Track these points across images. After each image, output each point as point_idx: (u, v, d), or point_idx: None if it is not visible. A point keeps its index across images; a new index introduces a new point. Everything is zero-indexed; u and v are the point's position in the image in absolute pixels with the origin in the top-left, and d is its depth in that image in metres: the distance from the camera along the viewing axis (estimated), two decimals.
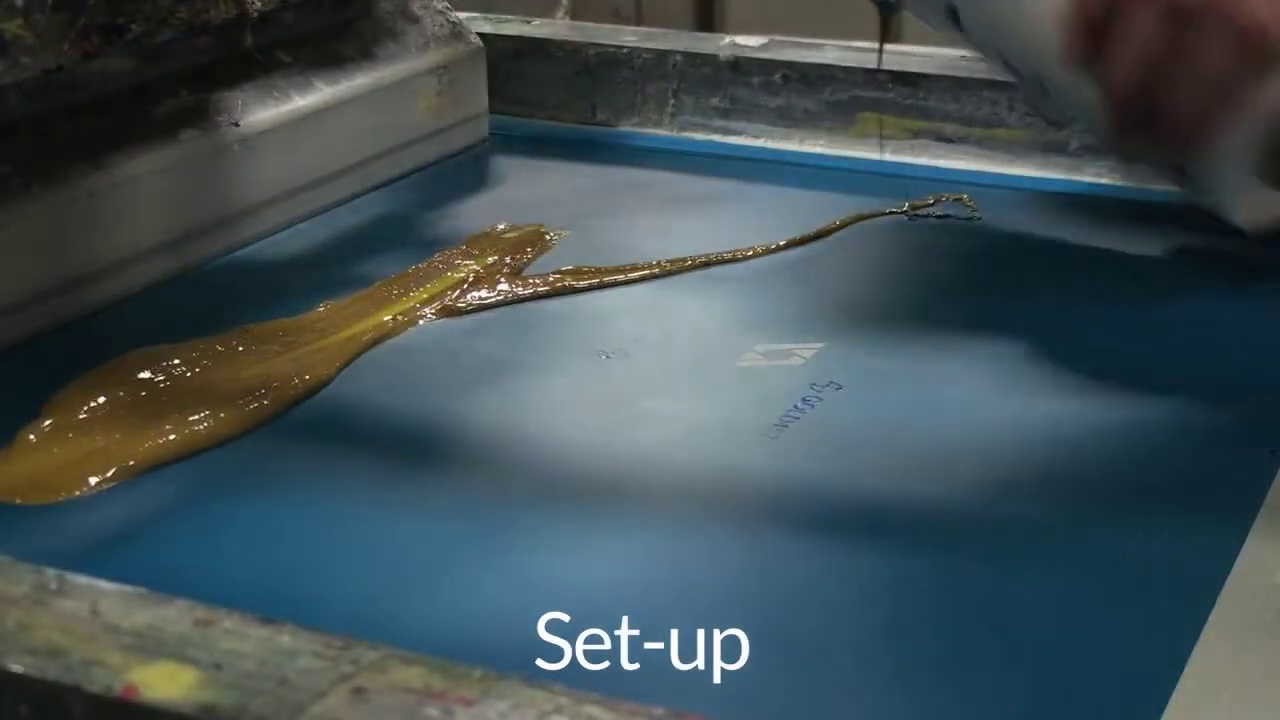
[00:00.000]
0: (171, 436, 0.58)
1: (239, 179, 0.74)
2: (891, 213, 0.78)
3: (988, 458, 0.57)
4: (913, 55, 0.89)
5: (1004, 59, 0.71)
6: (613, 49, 0.90)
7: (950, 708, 0.44)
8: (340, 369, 0.63)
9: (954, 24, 0.71)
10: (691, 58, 0.88)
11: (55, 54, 0.65)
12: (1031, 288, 0.71)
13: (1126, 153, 0.69)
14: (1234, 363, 0.63)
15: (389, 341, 0.66)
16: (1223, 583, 0.49)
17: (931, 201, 0.79)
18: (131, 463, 0.56)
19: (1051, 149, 0.82)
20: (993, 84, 0.83)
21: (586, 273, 0.71)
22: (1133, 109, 0.63)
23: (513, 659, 0.39)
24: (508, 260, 0.73)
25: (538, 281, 0.71)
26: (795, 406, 0.60)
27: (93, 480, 0.55)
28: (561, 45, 0.91)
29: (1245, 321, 0.67)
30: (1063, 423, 0.59)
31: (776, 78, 0.87)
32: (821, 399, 0.61)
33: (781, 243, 0.74)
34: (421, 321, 0.67)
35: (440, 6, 0.88)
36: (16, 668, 0.37)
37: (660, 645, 0.47)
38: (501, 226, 0.77)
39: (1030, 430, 0.59)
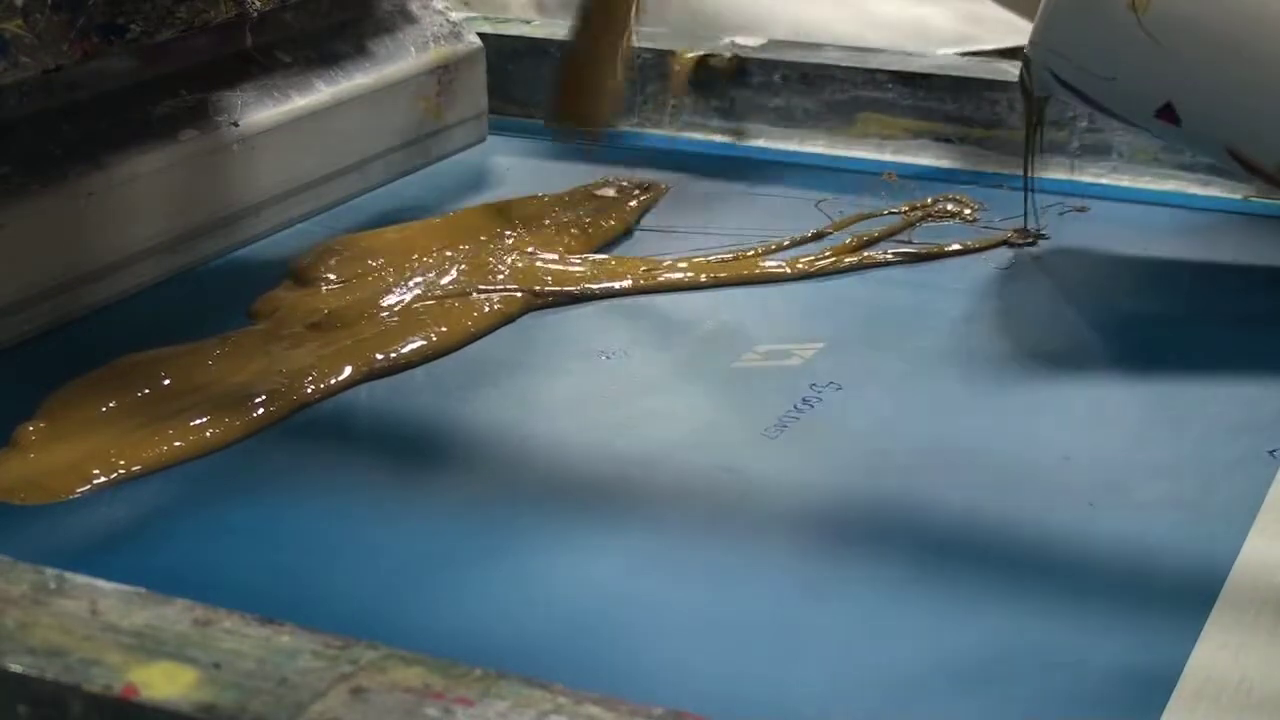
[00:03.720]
0: (176, 441, 0.57)
1: (239, 179, 0.74)
2: (891, 213, 0.78)
3: (987, 458, 0.57)
4: (913, 55, 0.89)
5: (1234, 150, 0.69)
6: None
7: (949, 707, 0.44)
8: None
9: (1165, 119, 0.69)
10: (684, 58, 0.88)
11: (55, 54, 0.65)
12: (1030, 287, 0.71)
13: None
14: (1233, 361, 0.63)
15: None
16: (1223, 583, 0.49)
17: (931, 201, 0.79)
18: (135, 466, 0.56)
19: (1051, 149, 0.82)
20: (992, 84, 0.83)
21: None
22: None
23: (513, 659, 0.39)
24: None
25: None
26: (795, 407, 0.60)
27: (92, 480, 0.55)
28: (561, 45, 0.91)
29: (1244, 320, 0.67)
30: (1062, 423, 0.59)
31: (776, 78, 0.87)
32: (821, 399, 0.61)
33: (785, 242, 0.74)
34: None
35: (440, 6, 0.88)
36: (16, 667, 0.37)
37: (659, 645, 0.47)
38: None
39: (1030, 430, 0.59)
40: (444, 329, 0.66)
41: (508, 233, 0.74)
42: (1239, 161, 0.70)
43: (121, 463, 0.56)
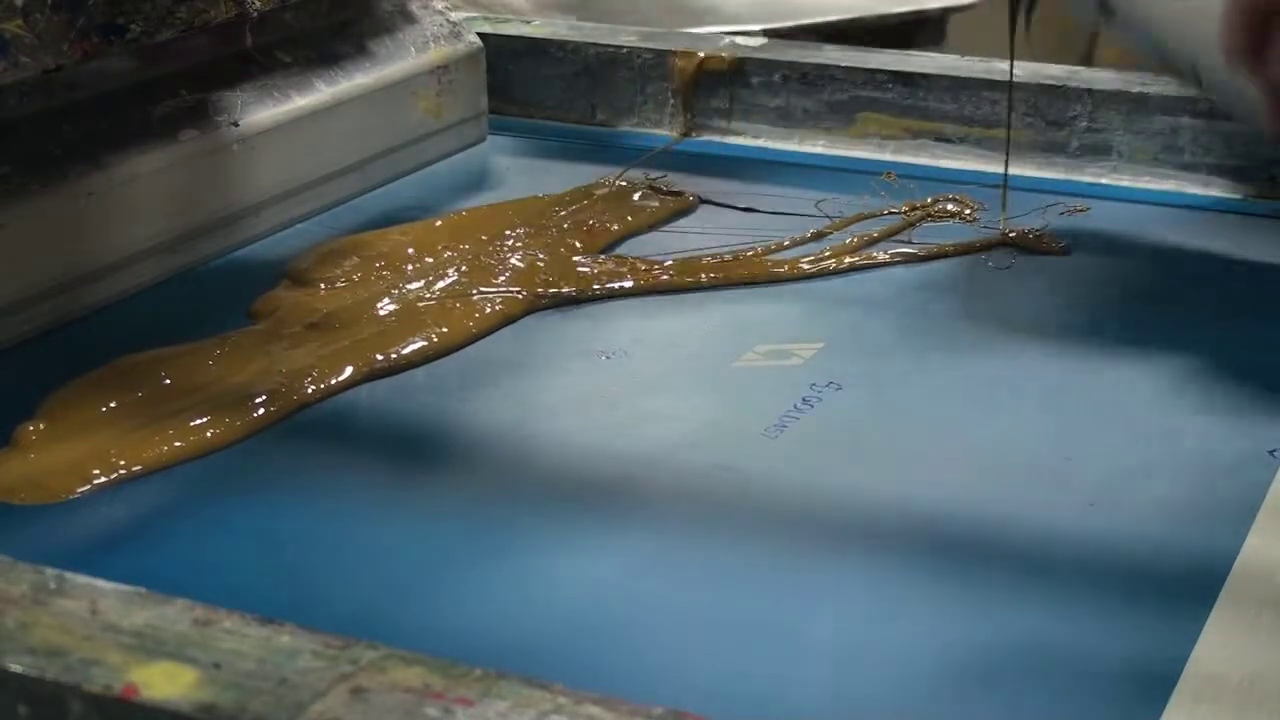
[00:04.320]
0: (176, 441, 0.57)
1: (239, 179, 0.74)
2: (891, 213, 0.78)
3: (987, 458, 0.57)
4: (913, 55, 0.89)
5: (1159, 49, 0.70)
6: (612, 49, 0.90)
7: (950, 707, 0.44)
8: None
9: (1104, 12, 0.71)
10: (690, 58, 0.88)
11: (55, 54, 0.65)
12: (1030, 288, 0.71)
13: None
14: (1233, 361, 0.63)
15: None
16: (1223, 583, 0.49)
17: (931, 201, 0.79)
18: (135, 466, 0.56)
19: (1051, 149, 0.82)
20: (992, 84, 0.83)
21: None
22: None
23: (513, 659, 0.39)
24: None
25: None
26: (795, 407, 0.60)
27: (92, 480, 0.55)
28: (561, 45, 0.91)
29: (1244, 319, 0.67)
30: (1063, 423, 0.59)
31: (776, 78, 0.87)
32: (821, 399, 0.61)
33: (785, 242, 0.74)
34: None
35: (440, 6, 0.88)
36: (16, 667, 0.37)
37: (659, 645, 0.47)
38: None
39: (1031, 430, 0.59)
40: (445, 329, 0.66)
41: (508, 233, 0.74)
42: (1164, 62, 0.71)
43: (121, 463, 0.56)
